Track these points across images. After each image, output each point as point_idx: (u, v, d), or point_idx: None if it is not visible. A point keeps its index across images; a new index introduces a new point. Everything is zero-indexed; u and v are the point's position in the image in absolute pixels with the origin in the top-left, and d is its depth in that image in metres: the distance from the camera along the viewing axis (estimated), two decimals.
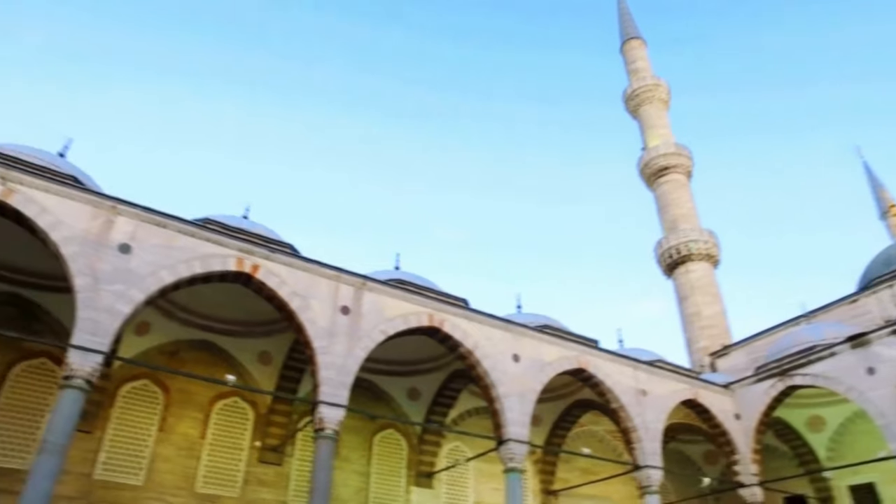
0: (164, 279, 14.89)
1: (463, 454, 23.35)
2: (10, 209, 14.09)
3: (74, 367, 13.42)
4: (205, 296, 18.08)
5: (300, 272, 16.75)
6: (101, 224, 14.71)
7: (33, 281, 17.92)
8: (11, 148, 16.31)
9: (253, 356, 20.37)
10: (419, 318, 18.17)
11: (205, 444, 19.35)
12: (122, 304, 14.27)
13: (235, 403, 20.31)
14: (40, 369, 18.25)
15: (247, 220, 19.32)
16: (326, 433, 15.65)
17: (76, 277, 14.05)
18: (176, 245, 15.32)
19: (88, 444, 17.59)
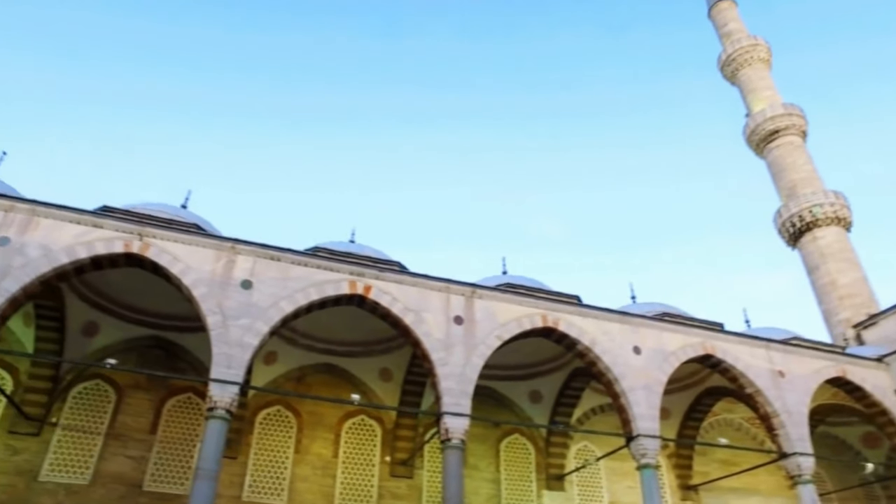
0: (284, 309, 15.72)
1: (592, 454, 22.77)
2: (148, 261, 15.56)
3: (216, 399, 14.46)
4: (323, 321, 18.86)
5: (410, 288, 17.09)
6: (224, 264, 15.80)
7: (173, 324, 19.57)
8: (142, 206, 18.06)
9: (374, 374, 21.00)
10: (532, 320, 17.97)
11: (338, 462, 20.15)
12: (249, 336, 15.20)
13: (363, 421, 21.01)
14: (187, 403, 19.82)
15: (354, 243, 20.02)
16: (453, 443, 15.78)
17: (208, 316, 15.17)
18: (291, 276, 16.15)
19: (235, 468, 18.84)
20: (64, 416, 18.69)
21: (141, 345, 19.73)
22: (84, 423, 18.78)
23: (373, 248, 19.51)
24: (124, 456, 18.61)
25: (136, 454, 18.72)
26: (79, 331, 19.02)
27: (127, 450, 18.71)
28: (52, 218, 15.40)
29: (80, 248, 15.23)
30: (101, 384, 19.44)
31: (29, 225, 15.22)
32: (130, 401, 19.41)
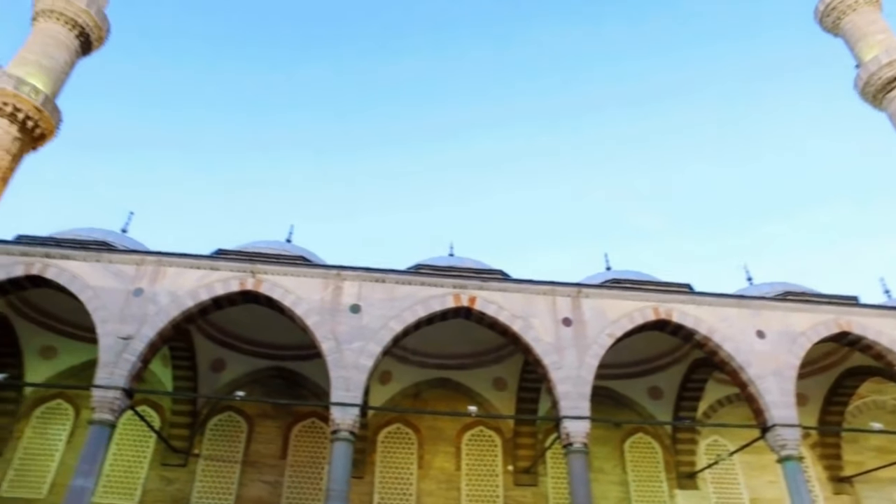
0: (393, 329, 16.06)
1: (724, 448, 21.50)
2: (263, 296, 16.44)
3: (338, 422, 14.97)
4: (433, 336, 19.07)
5: (515, 294, 16.98)
6: (332, 291, 16.38)
7: (291, 353, 20.55)
8: (252, 245, 19.24)
9: (488, 384, 20.99)
10: (644, 314, 17.33)
11: (461, 475, 20.25)
12: (363, 358, 15.64)
13: (481, 432, 21.01)
14: (312, 428, 20.65)
15: (454, 257, 20.23)
16: (575, 447, 15.47)
17: (322, 343, 15.76)
18: (397, 295, 16.48)
19: (363, 487, 19.37)
20: (204, 447, 20.04)
21: (264, 376, 20.82)
22: (222, 452, 20.03)
23: (473, 260, 19.61)
24: (261, 481, 19.66)
25: (270, 479, 19.72)
26: (208, 368, 20.37)
27: (262, 475, 19.76)
28: (175, 266, 16.64)
29: (202, 291, 16.33)
30: (233, 416, 20.66)
31: (157, 275, 16.53)
32: (260, 429, 20.50)
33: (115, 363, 15.43)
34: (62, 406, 20.68)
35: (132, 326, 15.87)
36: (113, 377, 15.26)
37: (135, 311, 16.12)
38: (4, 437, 19.71)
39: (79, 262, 16.98)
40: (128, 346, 15.64)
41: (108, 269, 16.86)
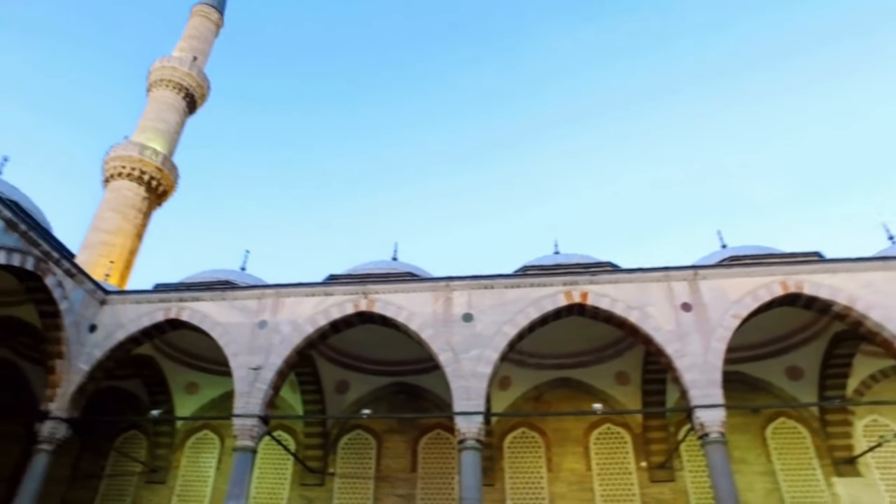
0: (507, 333, 16.00)
1: (887, 428, 19.51)
2: (377, 315, 16.99)
3: (464, 431, 15.06)
4: (548, 337, 18.76)
5: (627, 285, 16.43)
6: (443, 303, 16.61)
7: (410, 368, 21.02)
8: (361, 267, 20.07)
9: (610, 380, 20.38)
10: (770, 290, 16.16)
11: (593, 475, 19.72)
12: (481, 366, 15.68)
13: (609, 430, 20.40)
14: (437, 439, 20.92)
15: (559, 254, 19.93)
16: (712, 438, 14.65)
17: (439, 354, 15.98)
18: (507, 300, 16.43)
19: (494, 495, 19.34)
20: (338, 465, 20.85)
21: (387, 392, 21.40)
22: (355, 469, 20.74)
23: (580, 255, 19.20)
24: (395, 496, 20.14)
25: (403, 492, 20.15)
26: (333, 389, 21.24)
27: (395, 489, 20.24)
28: (293, 296, 17.57)
29: (320, 317, 17.10)
30: (361, 433, 21.36)
31: (278, 306, 17.52)
32: (389, 444, 21.04)
33: (250, 392, 16.45)
34: (209, 436, 22.32)
35: (260, 357, 16.88)
36: (249, 406, 16.27)
37: (261, 342, 17.15)
38: (166, 467, 21.58)
39: (207, 303, 18.33)
40: (258, 375, 16.63)
41: (233, 306, 18.06)
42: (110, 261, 31.30)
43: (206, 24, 45.58)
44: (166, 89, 39.72)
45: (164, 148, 37.60)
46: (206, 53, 44.81)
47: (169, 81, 39.91)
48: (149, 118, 38.78)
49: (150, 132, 37.77)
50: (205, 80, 42.16)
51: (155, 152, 36.43)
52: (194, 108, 41.76)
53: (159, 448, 22.09)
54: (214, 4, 46.60)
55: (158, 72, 40.22)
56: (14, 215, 15.94)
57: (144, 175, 35.56)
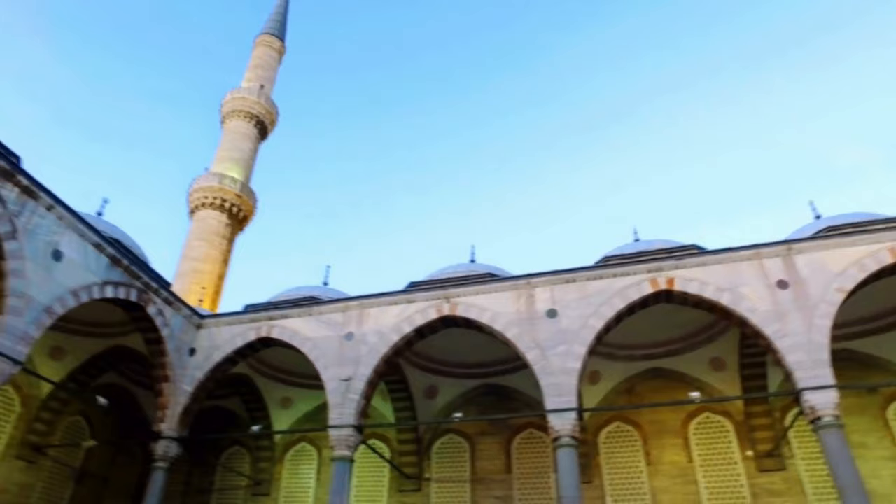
0: (594, 327, 15.65)
1: None
2: (460, 318, 17.04)
3: (557, 429, 14.82)
4: (636, 327, 18.25)
5: (716, 266, 15.69)
6: (525, 301, 16.46)
7: (497, 369, 20.96)
8: (440, 272, 20.42)
9: (704, 366, 19.56)
10: (878, 259, 14.95)
11: (695, 466, 18.96)
12: (570, 361, 15.40)
13: (708, 419, 19.58)
14: (530, 438, 20.73)
15: (640, 241, 19.36)
16: (826, 421, 13.70)
17: (526, 353, 15.84)
18: (591, 292, 16.10)
19: (593, 492, 18.94)
20: (433, 470, 21.01)
21: (476, 394, 21.41)
22: (450, 473, 20.83)
23: (662, 240, 18.56)
24: (492, 497, 20.09)
25: (500, 494, 20.06)
26: (423, 395, 21.45)
27: (492, 491, 20.18)
28: (376, 306, 17.90)
29: (404, 324, 17.32)
30: (453, 437, 21.46)
31: (362, 317, 17.90)
32: (482, 447, 21.03)
33: (342, 404, 16.86)
34: (307, 448, 23.05)
35: (349, 368, 17.27)
36: (343, 416, 16.67)
37: (349, 353, 17.55)
38: (269, 480, 22.45)
39: (295, 319, 18.96)
40: (349, 386, 17.02)
41: (319, 321, 18.58)
42: (202, 287, 32.97)
43: (269, 53, 47.40)
44: (238, 119, 41.62)
45: (241, 175, 39.37)
46: (272, 80, 46.59)
47: (240, 112, 41.79)
48: (225, 148, 40.73)
49: (228, 161, 39.63)
50: (273, 107, 43.85)
51: (233, 180, 38.17)
52: (265, 133, 43.52)
53: (261, 462, 23.01)
54: (275, 33, 48.42)
55: (230, 104, 42.20)
56: (117, 252, 17.08)
57: (226, 203, 37.33)
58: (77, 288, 15.69)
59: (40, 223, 14.87)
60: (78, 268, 15.81)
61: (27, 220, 14.51)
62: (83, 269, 15.97)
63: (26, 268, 14.31)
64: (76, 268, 15.75)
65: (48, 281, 14.88)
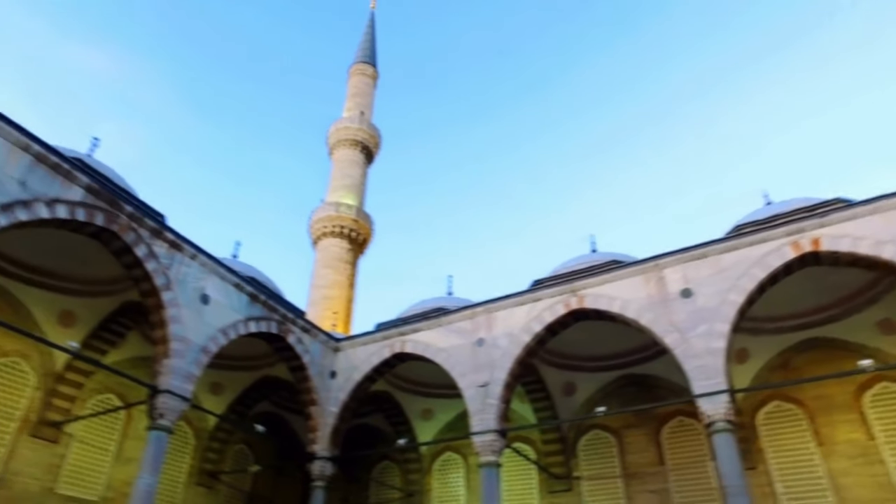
0: (735, 301, 14.61)
1: None
2: (590, 310, 16.63)
3: (709, 414, 13.95)
4: (781, 296, 16.67)
5: (870, 218, 13.89)
6: (656, 283, 15.72)
7: (635, 358, 20.17)
8: (562, 266, 20.10)
9: (870, 331, 17.50)
10: None
11: (878, 444, 16.96)
12: (713, 341, 14.46)
13: (886, 389, 17.45)
14: (680, 427, 19.70)
15: (773, 204, 17.90)
16: None
17: (664, 337, 15.09)
18: (725, 265, 15.06)
19: (759, 479, 17.60)
20: (581, 468, 20.53)
21: (615, 387, 20.71)
22: (599, 470, 20.27)
23: (799, 199, 17.01)
24: (647, 492, 19.28)
25: (655, 487, 19.20)
26: (561, 393, 21.08)
27: (646, 485, 19.36)
28: (503, 309, 17.88)
29: (534, 324, 17.12)
30: (598, 433, 20.87)
31: (491, 322, 17.94)
32: (629, 440, 20.28)
33: (482, 409, 16.92)
34: (453, 457, 23.37)
35: (485, 374, 17.31)
36: (484, 422, 16.71)
37: (483, 359, 17.60)
38: (420, 491, 23.00)
39: (425, 332, 19.36)
40: (487, 392, 17.07)
41: (449, 330, 18.83)
42: (334, 312, 34.64)
43: (364, 80, 49.27)
44: (345, 148, 43.58)
45: (355, 201, 41.10)
46: (370, 105, 48.35)
47: (346, 140, 43.75)
48: (336, 177, 42.74)
49: (341, 190, 41.53)
50: (375, 131, 45.49)
51: (348, 207, 39.93)
52: (372, 157, 45.21)
53: (411, 474, 23.62)
54: (367, 60, 50.29)
55: (335, 134, 44.32)
56: (254, 289, 18.34)
57: (344, 229, 39.11)
58: (225, 326, 17.00)
59: (187, 272, 16.26)
60: (223, 308, 17.12)
61: (177, 271, 15.93)
62: (228, 309, 17.27)
63: (182, 314, 15.71)
64: (222, 308, 17.07)
65: (200, 323, 16.23)
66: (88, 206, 13.99)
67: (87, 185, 13.99)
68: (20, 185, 12.65)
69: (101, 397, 19.01)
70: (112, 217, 14.49)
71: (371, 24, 54.20)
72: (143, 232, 15.22)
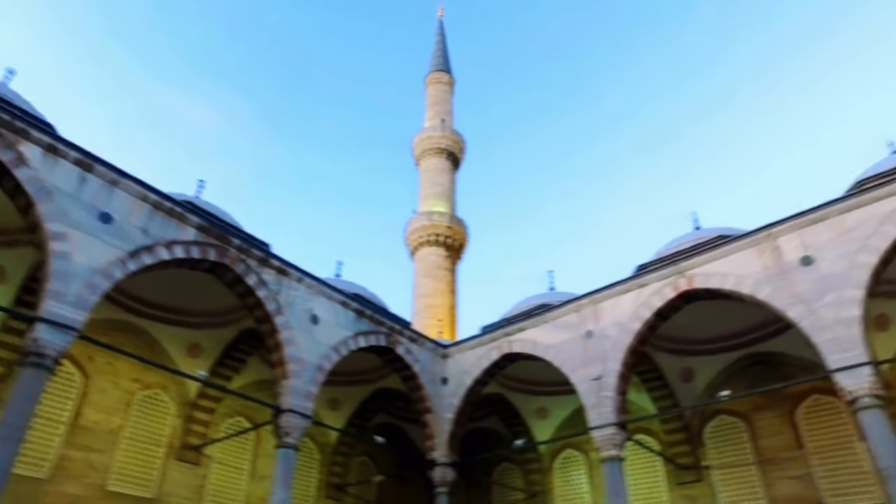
0: (867, 263, 13.24)
1: None
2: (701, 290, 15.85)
3: (851, 390, 12.86)
4: None
5: None
6: (770, 254, 14.70)
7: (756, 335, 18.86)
8: (665, 249, 19.15)
9: None
10: None
11: None
12: (846, 309, 13.27)
13: None
14: (817, 406, 18.25)
15: None
16: None
17: (787, 311, 14.11)
18: (849, 226, 13.70)
19: None
20: (710, 457, 19.48)
21: (738, 368, 19.49)
22: (730, 458, 19.14)
23: None
24: (787, 478, 17.99)
25: (797, 473, 17.86)
26: (678, 379, 20.13)
27: (785, 471, 18.07)
28: (608, 298, 17.41)
29: (642, 310, 16.50)
30: (724, 418, 19.73)
31: (597, 313, 17.52)
32: (760, 423, 19.03)
33: (598, 403, 16.46)
34: (573, 454, 22.91)
35: (597, 366, 16.86)
36: (602, 416, 16.25)
37: (593, 352, 17.16)
38: (543, 491, 22.73)
39: (531, 330, 19.17)
40: (601, 385, 16.59)
41: (555, 325, 18.52)
42: (438, 319, 35.08)
43: (441, 88, 49.83)
44: (431, 157, 44.21)
45: (446, 208, 41.52)
46: (450, 112, 48.81)
47: (430, 149, 44.40)
48: (425, 186, 43.39)
49: (431, 198, 42.11)
50: (458, 136, 45.84)
51: (441, 214, 40.39)
52: (458, 163, 45.54)
53: (532, 475, 23.39)
54: (442, 67, 50.84)
55: (419, 145, 45.10)
56: (360, 305, 18.92)
57: (439, 237, 39.58)
58: (336, 344, 17.63)
59: (296, 295, 17.02)
60: (332, 326, 17.77)
61: (286, 295, 16.72)
62: (337, 327, 17.90)
63: (295, 336, 16.46)
64: (331, 327, 17.72)
65: (313, 343, 16.94)
66: (201, 244, 15.06)
67: (198, 224, 15.07)
68: (143, 232, 13.86)
69: (231, 420, 20.28)
70: (223, 251, 15.47)
71: (441, 32, 54.77)
72: (252, 262, 16.12)
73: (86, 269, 12.55)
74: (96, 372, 17.39)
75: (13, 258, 15.50)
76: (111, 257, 13.06)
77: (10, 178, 12.21)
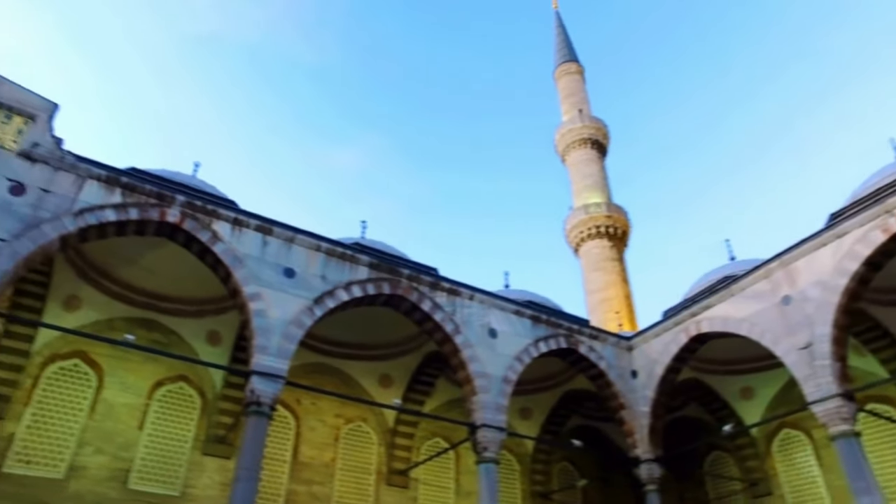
0: None
1: None
2: None
3: None
4: None
5: None
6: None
7: None
8: (873, 183, 16.72)
9: None
10: None
11: None
12: None
13: None
14: None
15: None
16: None
17: None
18: None
19: None
20: None
21: None
22: None
23: None
24: None
25: None
26: None
27: None
28: (801, 257, 15.74)
29: (846, 262, 14.50)
30: None
31: (791, 274, 15.89)
32: None
33: (813, 374, 14.75)
34: (791, 434, 20.58)
35: (803, 333, 15.16)
36: (821, 388, 14.52)
37: (795, 318, 15.47)
38: (764, 478, 20.73)
39: (718, 306, 17.88)
40: (812, 353, 14.86)
41: (744, 297, 17.04)
42: (615, 312, 33.92)
43: (572, 78, 48.71)
44: (576, 149, 43.22)
45: (601, 197, 40.24)
46: (586, 100, 47.45)
47: (574, 142, 43.43)
48: (576, 180, 42.42)
49: (584, 191, 41.06)
50: (599, 123, 44.37)
51: (596, 205, 39.22)
52: (604, 150, 44.03)
53: (747, 461, 21.44)
54: (569, 58, 49.73)
55: (562, 140, 44.33)
56: (534, 311, 18.96)
57: (599, 228, 38.41)
58: (517, 353, 17.70)
59: (470, 312, 17.42)
60: (511, 336, 17.89)
61: (461, 314, 17.19)
62: (515, 336, 17.99)
63: (476, 352, 16.83)
64: (509, 337, 17.85)
65: (494, 356, 17.17)
66: (375, 280, 16.08)
67: (368, 262, 16.14)
68: (322, 279, 15.16)
69: (430, 442, 21.12)
70: (395, 283, 16.34)
71: (560, 24, 53.62)
72: (424, 288, 16.81)
73: (281, 321, 14.02)
74: (304, 413, 19.13)
75: (224, 323, 17.73)
76: (300, 307, 14.47)
77: (210, 254, 14.23)
